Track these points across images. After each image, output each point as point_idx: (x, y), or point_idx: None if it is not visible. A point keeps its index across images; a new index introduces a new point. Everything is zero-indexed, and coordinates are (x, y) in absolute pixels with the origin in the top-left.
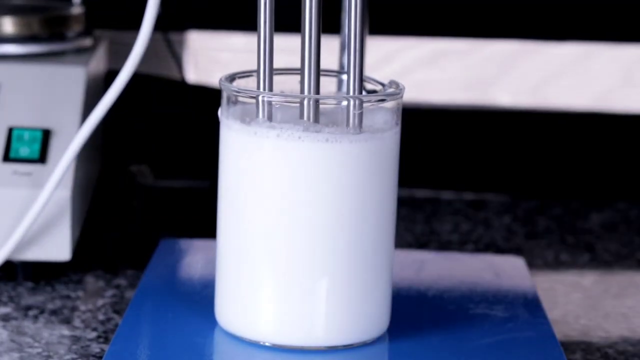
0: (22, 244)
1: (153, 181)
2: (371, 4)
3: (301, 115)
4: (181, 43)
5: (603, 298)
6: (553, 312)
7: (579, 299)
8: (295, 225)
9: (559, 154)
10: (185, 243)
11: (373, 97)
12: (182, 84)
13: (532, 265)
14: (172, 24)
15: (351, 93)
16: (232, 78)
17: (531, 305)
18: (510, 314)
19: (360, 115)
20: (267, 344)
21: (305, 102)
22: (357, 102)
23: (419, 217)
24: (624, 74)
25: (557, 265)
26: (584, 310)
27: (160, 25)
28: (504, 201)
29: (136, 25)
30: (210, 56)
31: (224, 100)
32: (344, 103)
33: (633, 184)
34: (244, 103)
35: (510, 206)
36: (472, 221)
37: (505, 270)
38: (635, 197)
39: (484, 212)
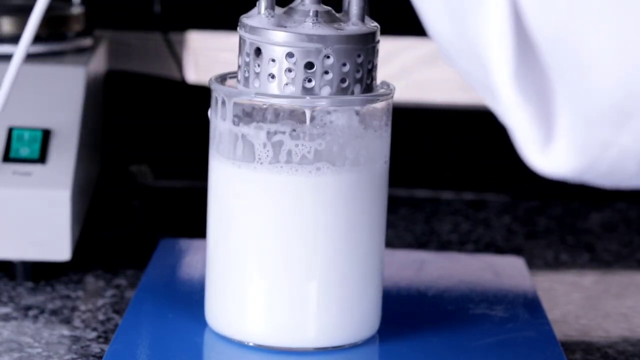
0: (22, 244)
1: (153, 181)
2: (371, 4)
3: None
4: (181, 43)
5: (603, 298)
6: (553, 312)
7: (579, 299)
8: (284, 228)
9: None
10: (185, 243)
11: (364, 98)
12: (182, 84)
13: (532, 265)
14: (172, 24)
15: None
16: (222, 78)
17: (531, 305)
18: (510, 314)
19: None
20: (258, 345)
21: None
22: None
23: (419, 217)
24: None
25: (557, 265)
26: (584, 310)
27: (160, 25)
28: (504, 201)
29: (136, 26)
30: (210, 56)
31: (213, 100)
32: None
33: None
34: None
35: (510, 206)
36: (472, 221)
37: (505, 270)
38: (635, 197)
39: (484, 212)
